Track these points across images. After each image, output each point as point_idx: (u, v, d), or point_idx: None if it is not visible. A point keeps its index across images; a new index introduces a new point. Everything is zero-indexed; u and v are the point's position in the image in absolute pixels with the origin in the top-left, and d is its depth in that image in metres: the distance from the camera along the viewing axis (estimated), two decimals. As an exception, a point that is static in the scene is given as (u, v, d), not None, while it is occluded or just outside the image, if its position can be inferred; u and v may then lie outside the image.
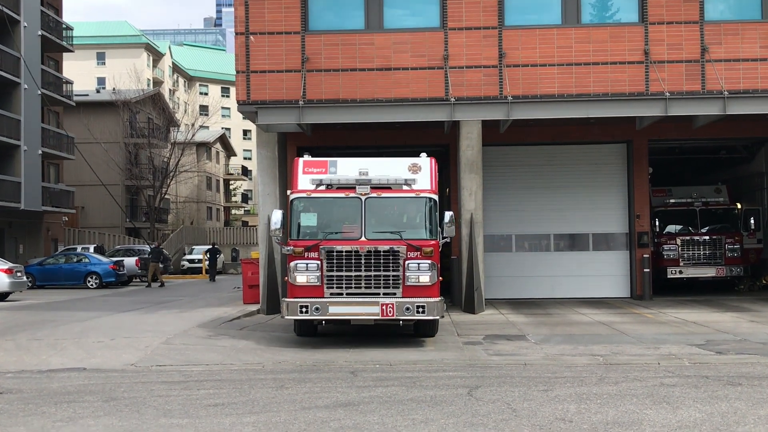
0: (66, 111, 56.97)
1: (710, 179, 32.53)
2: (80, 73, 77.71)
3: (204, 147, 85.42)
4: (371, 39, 23.25)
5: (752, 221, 29.58)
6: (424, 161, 16.61)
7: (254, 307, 23.76)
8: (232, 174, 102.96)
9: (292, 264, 15.60)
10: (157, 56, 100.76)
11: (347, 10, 23.82)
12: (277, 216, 15.97)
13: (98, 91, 74.45)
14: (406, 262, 15.42)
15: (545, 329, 18.59)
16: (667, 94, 22.24)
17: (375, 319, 15.58)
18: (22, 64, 45.93)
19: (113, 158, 61.72)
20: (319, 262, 15.46)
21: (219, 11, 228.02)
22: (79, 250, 46.30)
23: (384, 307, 15.20)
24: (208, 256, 49.73)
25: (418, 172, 16.35)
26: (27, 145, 46.65)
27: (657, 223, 28.69)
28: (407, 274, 15.41)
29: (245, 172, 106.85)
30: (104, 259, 41.73)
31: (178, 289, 38.15)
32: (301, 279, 15.42)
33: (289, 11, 23.25)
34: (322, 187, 16.09)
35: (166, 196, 69.15)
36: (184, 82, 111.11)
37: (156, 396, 10.55)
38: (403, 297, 15.37)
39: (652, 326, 18.79)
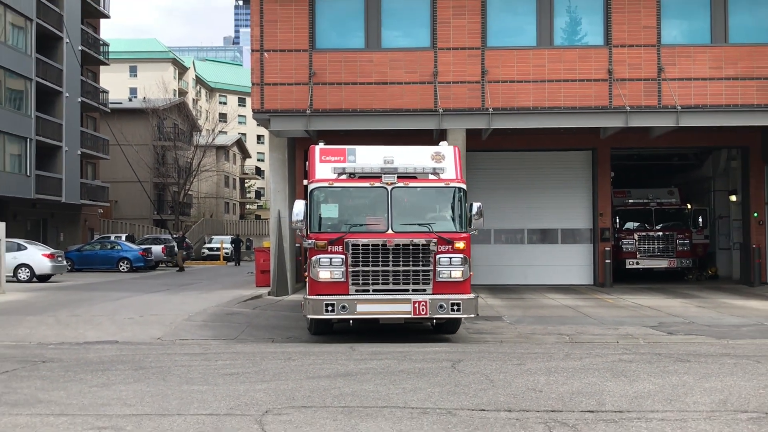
0: (102, 117, 56.91)
1: (664, 183, 32.60)
2: (115, 84, 77.42)
3: (223, 150, 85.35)
4: (370, 57, 23.25)
5: (700, 220, 29.69)
6: (447, 149, 14.13)
7: (265, 290, 23.75)
8: (247, 173, 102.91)
9: (314, 258, 12.71)
10: (182, 70, 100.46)
11: (349, 31, 23.83)
12: (299, 207, 12.98)
13: (130, 100, 74.31)
14: (437, 256, 12.72)
15: (519, 311, 18.61)
16: (628, 108, 22.28)
17: (406, 318, 12.98)
18: (64, 75, 45.87)
19: (143, 158, 61.66)
20: (343, 256, 12.62)
21: (237, 31, 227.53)
22: (112, 238, 46.25)
23: (416, 305, 12.52)
24: (233, 246, 52.78)
25: (442, 161, 13.72)
26: (68, 146, 46.61)
27: (617, 220, 28.73)
28: (438, 269, 12.70)
29: (258, 172, 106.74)
30: (134, 247, 41.69)
31: (198, 274, 38.13)
32: (324, 275, 12.60)
33: (298, 32, 23.27)
34: (344, 176, 13.28)
35: (189, 192, 69.13)
36: (206, 92, 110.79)
37: (179, 366, 10.56)
38: (433, 294, 12.71)
39: (612, 310, 18.83)
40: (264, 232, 77.32)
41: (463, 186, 13.46)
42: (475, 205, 13.28)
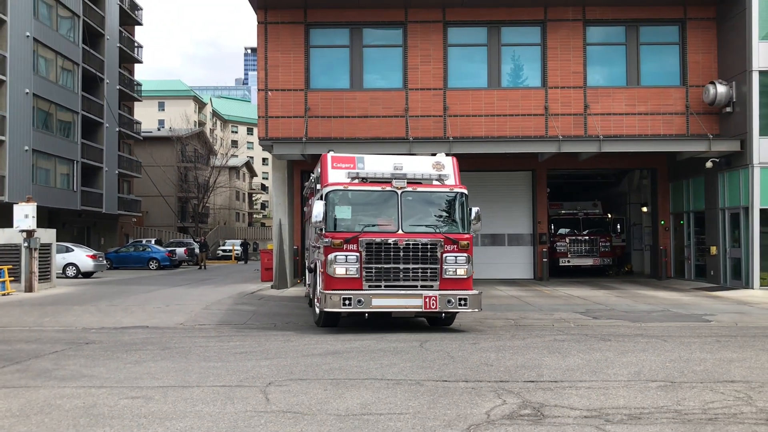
0: (135, 143, 56.42)
1: (590, 197, 32.80)
2: (146, 116, 76.67)
3: (234, 170, 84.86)
4: (354, 96, 23.26)
5: (618, 226, 29.98)
6: (447, 159, 13.08)
7: (268, 284, 23.60)
8: (254, 189, 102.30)
9: (330, 256, 11.55)
10: (201, 105, 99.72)
11: (337, 75, 23.83)
12: (318, 209, 11.71)
13: (159, 129, 73.73)
14: (444, 255, 11.70)
15: (474, 301, 18.57)
16: (560, 137, 22.43)
17: (417, 312, 11.79)
18: (105, 109, 45.43)
19: (169, 177, 61.22)
20: (357, 254, 11.52)
21: (246, 74, 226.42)
22: (143, 242, 45.76)
23: (427, 300, 11.48)
24: (242, 248, 53.16)
25: (443, 169, 12.74)
26: (107, 167, 46.09)
27: (552, 227, 28.86)
28: (445, 266, 11.66)
29: (264, 188, 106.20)
30: (162, 249, 41.25)
31: (214, 271, 37.84)
32: (340, 271, 11.47)
33: (296, 75, 23.26)
34: (357, 180, 12.07)
35: (207, 204, 68.66)
36: (221, 123, 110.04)
37: (198, 346, 10.46)
38: (440, 289, 11.66)
39: (548, 299, 18.91)
40: (268, 236, 76.84)
41: (465, 191, 12.35)
42: (474, 210, 12.33)
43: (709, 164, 22.64)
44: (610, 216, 30.53)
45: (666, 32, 23.89)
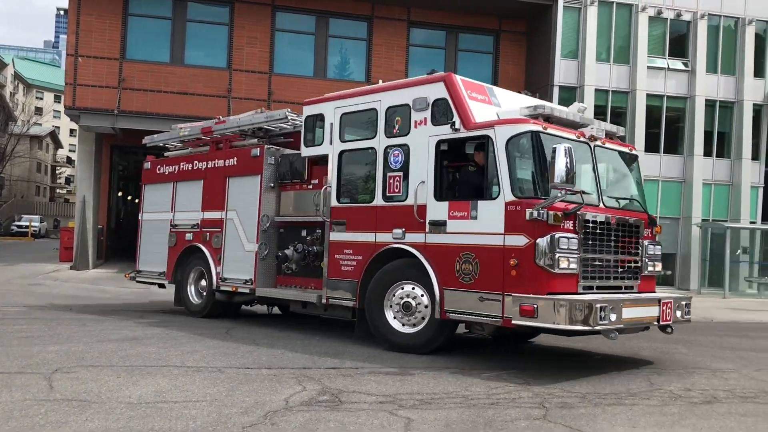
0: None
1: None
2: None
3: (36, 139, 78.03)
4: (174, 70, 22.32)
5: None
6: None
7: (67, 265, 22.00)
8: (58, 162, 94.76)
9: (546, 239, 7.17)
10: (1, 66, 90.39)
11: (157, 47, 22.76)
12: (563, 159, 7.02)
13: (-53, 87, 65.86)
14: (645, 242, 8.38)
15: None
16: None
17: (652, 325, 7.95)
18: None
19: (-43, 141, 54.96)
20: (577, 237, 7.44)
21: (57, 37, 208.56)
22: None
23: (664, 308, 7.88)
24: (41, 224, 50.50)
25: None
26: None
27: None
28: (645, 259, 8.36)
29: (69, 161, 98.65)
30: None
31: (7, 248, 34.50)
32: (564, 264, 7.24)
33: (111, 43, 21.89)
34: (540, 121, 7.75)
35: (1, 175, 62.45)
36: (24, 87, 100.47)
37: (-24, 329, 9.46)
38: (639, 291, 8.29)
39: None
40: (70, 213, 71.62)
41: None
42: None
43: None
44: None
45: (482, 41, 25.39)
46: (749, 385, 7.42)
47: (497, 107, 8.36)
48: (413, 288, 8.32)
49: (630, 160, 8.87)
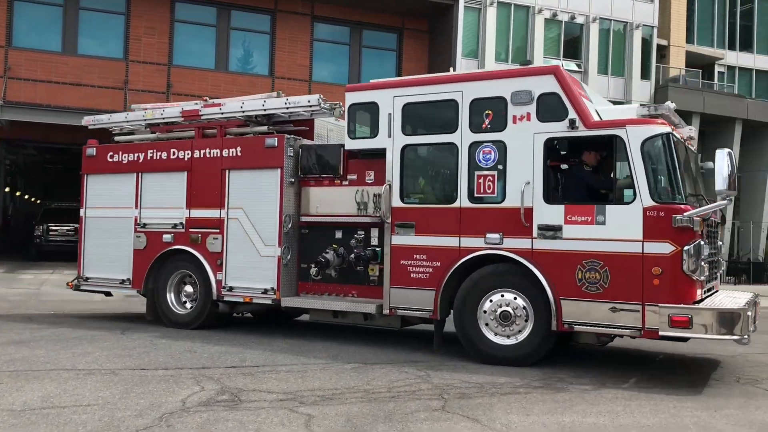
0: None
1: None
2: None
3: None
4: (66, 60, 21.25)
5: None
6: None
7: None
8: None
9: (692, 246, 6.81)
10: None
11: (48, 35, 21.53)
12: (725, 163, 6.76)
13: None
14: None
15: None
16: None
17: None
18: None
19: None
20: (708, 243, 7.23)
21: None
22: None
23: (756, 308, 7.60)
24: None
25: None
26: None
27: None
28: (720, 257, 8.25)
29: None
30: None
31: None
32: (706, 271, 7.10)
33: (-5, 28, 20.55)
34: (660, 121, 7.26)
35: None
36: None
37: None
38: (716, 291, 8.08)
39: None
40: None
41: None
42: None
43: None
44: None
45: (386, 39, 25.58)
46: (629, 372, 7.85)
47: (593, 104, 7.76)
48: (515, 297, 7.54)
49: (696, 160, 8.51)
